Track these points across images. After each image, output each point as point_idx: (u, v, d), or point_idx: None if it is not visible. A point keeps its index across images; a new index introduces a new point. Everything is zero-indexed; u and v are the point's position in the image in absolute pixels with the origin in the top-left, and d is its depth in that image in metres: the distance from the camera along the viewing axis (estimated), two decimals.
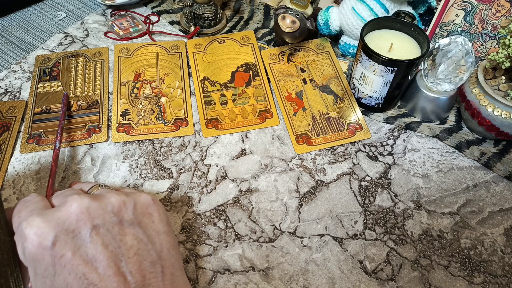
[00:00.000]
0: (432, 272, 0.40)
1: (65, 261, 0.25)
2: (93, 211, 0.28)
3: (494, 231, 0.43)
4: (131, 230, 0.29)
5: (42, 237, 0.25)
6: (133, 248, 0.28)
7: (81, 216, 0.27)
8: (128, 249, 0.27)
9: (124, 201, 0.30)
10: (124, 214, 0.29)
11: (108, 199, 0.29)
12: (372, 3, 0.52)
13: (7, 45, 0.61)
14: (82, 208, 0.27)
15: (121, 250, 0.27)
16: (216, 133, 0.50)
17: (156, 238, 0.30)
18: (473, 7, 0.52)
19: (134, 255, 0.27)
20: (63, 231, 0.26)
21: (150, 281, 0.27)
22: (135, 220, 0.29)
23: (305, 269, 0.40)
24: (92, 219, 0.27)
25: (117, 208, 0.29)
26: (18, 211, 0.28)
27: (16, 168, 0.46)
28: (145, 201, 0.31)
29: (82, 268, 0.25)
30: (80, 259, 0.26)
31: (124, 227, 0.28)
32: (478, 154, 0.48)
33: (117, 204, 0.29)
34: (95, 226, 0.27)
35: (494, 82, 0.46)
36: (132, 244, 0.28)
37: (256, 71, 0.57)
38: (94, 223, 0.27)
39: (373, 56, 0.46)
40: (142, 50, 0.59)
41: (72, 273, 0.25)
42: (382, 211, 0.44)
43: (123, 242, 0.28)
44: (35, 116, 0.50)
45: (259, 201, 0.44)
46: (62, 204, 0.28)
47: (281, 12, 0.53)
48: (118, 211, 0.29)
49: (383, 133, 0.51)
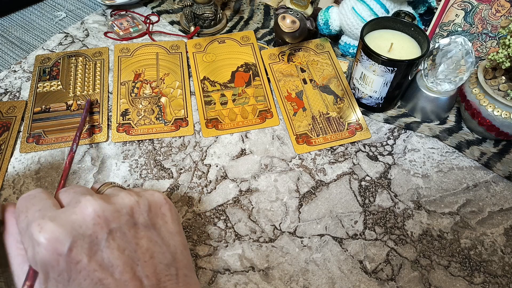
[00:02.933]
0: (432, 272, 0.40)
1: (81, 266, 0.25)
2: (109, 214, 0.27)
3: (494, 231, 0.43)
4: (146, 233, 0.28)
5: (58, 243, 0.24)
6: (149, 251, 0.27)
7: (98, 220, 0.26)
8: (144, 252, 0.27)
9: (138, 202, 0.29)
10: (139, 217, 0.28)
11: (122, 200, 0.28)
12: (372, 3, 0.52)
13: (7, 45, 0.61)
14: (98, 212, 0.26)
15: (137, 254, 0.27)
16: (216, 133, 0.50)
17: (170, 240, 0.29)
18: (473, 7, 0.52)
19: (149, 258, 0.27)
20: (80, 235, 0.25)
21: (166, 283, 0.27)
22: (149, 222, 0.29)
23: (305, 269, 0.40)
24: (109, 223, 0.27)
25: (132, 210, 0.28)
26: (24, 208, 0.27)
27: (16, 168, 0.46)
28: (158, 201, 0.31)
29: (99, 273, 0.25)
30: (96, 265, 0.25)
31: (139, 230, 0.28)
32: (478, 154, 0.48)
33: (131, 206, 0.28)
34: (111, 230, 0.26)
35: (494, 82, 0.46)
36: (148, 247, 0.27)
37: (256, 71, 0.57)
38: (111, 227, 0.26)
39: (373, 56, 0.46)
40: (142, 50, 0.59)
41: (88, 278, 0.25)
42: (382, 211, 0.44)
43: (138, 246, 0.27)
44: (35, 115, 0.50)
45: (259, 201, 0.44)
46: (76, 205, 0.27)
47: (281, 12, 0.53)
48: (132, 214, 0.28)
49: (383, 133, 0.51)
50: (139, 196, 0.30)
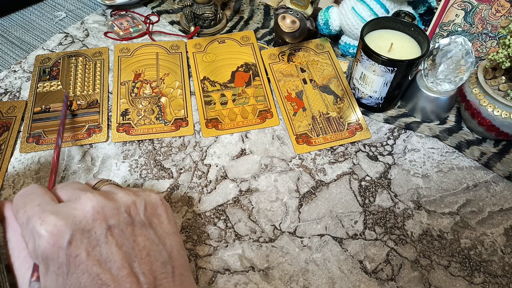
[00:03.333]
0: (432, 272, 0.40)
1: (80, 261, 0.25)
2: (108, 211, 0.27)
3: (494, 231, 0.43)
4: (143, 231, 0.29)
5: (59, 236, 0.25)
6: (146, 249, 0.28)
7: (97, 216, 0.27)
8: (141, 250, 0.28)
9: (135, 201, 0.29)
10: (136, 215, 0.29)
11: (121, 199, 0.29)
12: (372, 3, 0.52)
13: (7, 45, 0.61)
14: (97, 208, 0.27)
15: (134, 251, 0.27)
16: (216, 133, 0.50)
17: (166, 239, 0.30)
18: (473, 7, 0.52)
19: (146, 256, 0.28)
20: (79, 230, 0.26)
21: (162, 281, 0.27)
22: (146, 221, 0.29)
23: (305, 269, 0.40)
24: (108, 219, 0.27)
25: (129, 208, 0.29)
26: (21, 204, 0.27)
27: (16, 168, 0.46)
28: (154, 202, 0.31)
29: (96, 268, 0.25)
30: (94, 259, 0.25)
31: (136, 227, 0.28)
32: (478, 154, 0.48)
33: (129, 204, 0.29)
34: (110, 227, 0.27)
35: (494, 82, 0.46)
36: (145, 245, 0.28)
37: (256, 71, 0.57)
38: (109, 224, 0.27)
39: (373, 56, 0.46)
40: (142, 50, 0.59)
41: (86, 273, 0.25)
42: (382, 211, 0.44)
43: (136, 243, 0.28)
44: (35, 115, 0.50)
45: (259, 201, 0.44)
46: (76, 201, 0.27)
47: (281, 12, 0.53)
48: (130, 212, 0.29)
49: (383, 133, 0.51)
50: (137, 195, 0.30)
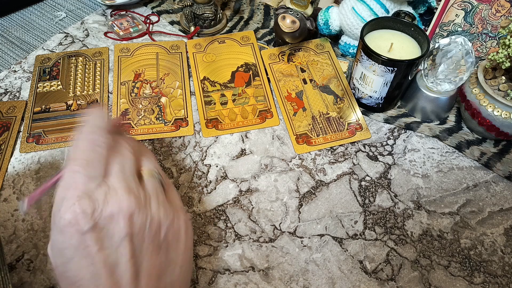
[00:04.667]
0: (432, 272, 0.40)
1: (87, 253, 0.25)
2: (135, 221, 0.27)
3: (494, 231, 0.43)
4: (158, 251, 0.29)
5: (81, 220, 0.25)
6: (155, 268, 0.28)
7: (122, 221, 0.27)
8: (150, 267, 0.28)
9: (161, 223, 0.29)
10: (158, 236, 0.29)
11: (154, 213, 0.29)
12: (372, 3, 0.52)
13: (7, 45, 0.61)
14: (126, 214, 0.27)
15: (143, 267, 0.27)
16: (216, 133, 0.50)
17: (178, 259, 0.31)
18: (473, 7, 0.52)
19: (154, 274, 0.28)
20: (100, 225, 0.26)
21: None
22: (163, 243, 0.30)
23: (305, 269, 0.40)
24: (130, 229, 0.27)
25: (155, 228, 0.29)
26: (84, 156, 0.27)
27: (16, 168, 0.46)
28: (180, 227, 0.31)
29: (100, 267, 0.25)
30: (101, 259, 0.26)
31: (153, 245, 0.29)
32: (478, 154, 0.48)
33: (156, 223, 0.29)
34: (129, 236, 0.27)
35: (494, 82, 0.46)
36: (155, 264, 0.28)
37: (256, 71, 0.57)
38: (130, 233, 0.27)
39: (373, 56, 0.46)
40: (142, 50, 0.59)
41: (90, 267, 0.25)
42: (382, 211, 0.44)
43: (146, 259, 0.28)
44: (35, 115, 0.50)
45: (259, 201, 0.44)
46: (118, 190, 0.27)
47: (281, 12, 0.53)
48: (154, 229, 0.29)
49: (383, 133, 0.51)
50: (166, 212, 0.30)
